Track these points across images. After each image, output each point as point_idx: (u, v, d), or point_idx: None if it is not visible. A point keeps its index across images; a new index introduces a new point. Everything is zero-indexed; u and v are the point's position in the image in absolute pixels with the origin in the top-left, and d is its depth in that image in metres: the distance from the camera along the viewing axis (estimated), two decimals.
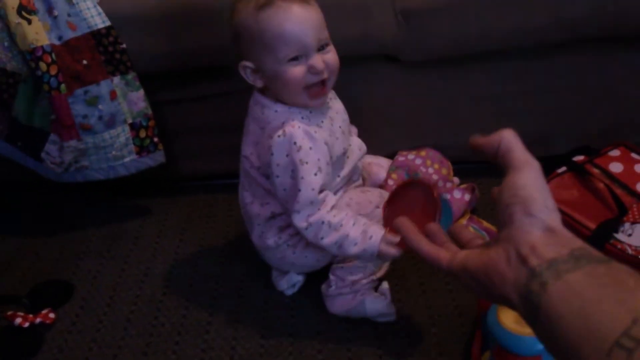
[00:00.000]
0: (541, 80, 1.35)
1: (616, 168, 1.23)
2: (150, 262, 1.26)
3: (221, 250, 1.28)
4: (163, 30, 1.24)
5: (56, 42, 1.18)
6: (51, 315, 1.13)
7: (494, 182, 0.47)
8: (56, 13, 1.17)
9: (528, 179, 0.44)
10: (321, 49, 0.95)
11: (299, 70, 0.94)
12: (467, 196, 1.27)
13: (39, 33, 1.16)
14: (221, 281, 1.20)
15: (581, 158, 1.27)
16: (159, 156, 1.32)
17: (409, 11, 1.23)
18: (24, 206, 1.48)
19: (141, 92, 1.25)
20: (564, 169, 1.25)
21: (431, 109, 1.39)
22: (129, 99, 1.25)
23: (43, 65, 1.16)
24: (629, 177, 1.21)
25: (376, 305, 1.07)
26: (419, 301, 1.12)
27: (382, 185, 1.24)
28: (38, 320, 1.11)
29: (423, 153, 1.33)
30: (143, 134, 1.28)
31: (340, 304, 1.08)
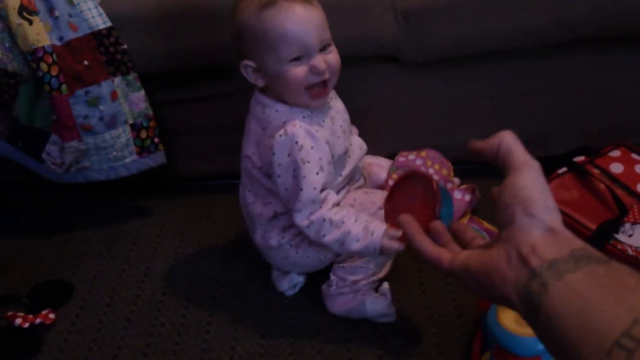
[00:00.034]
0: (541, 81, 1.35)
1: (617, 168, 1.23)
2: (150, 263, 1.26)
3: (221, 250, 1.28)
4: (163, 31, 1.24)
5: (57, 43, 1.18)
6: (51, 316, 1.13)
7: (494, 182, 0.47)
8: (57, 14, 1.17)
9: (528, 179, 0.45)
10: (323, 49, 0.95)
11: (301, 70, 0.94)
12: (468, 197, 1.27)
13: (40, 34, 1.16)
14: (221, 281, 1.20)
15: (581, 158, 1.27)
16: (159, 157, 1.32)
17: (409, 11, 1.23)
18: (24, 206, 1.48)
19: (142, 92, 1.25)
20: (564, 169, 1.25)
21: (431, 109, 1.39)
22: (130, 100, 1.25)
23: (44, 66, 1.16)
24: (629, 178, 1.21)
25: (376, 306, 1.07)
26: (419, 301, 1.12)
27: (382, 185, 1.23)
28: (38, 320, 1.11)
29: (423, 153, 1.33)
30: (144, 134, 1.28)
31: (340, 304, 1.08)
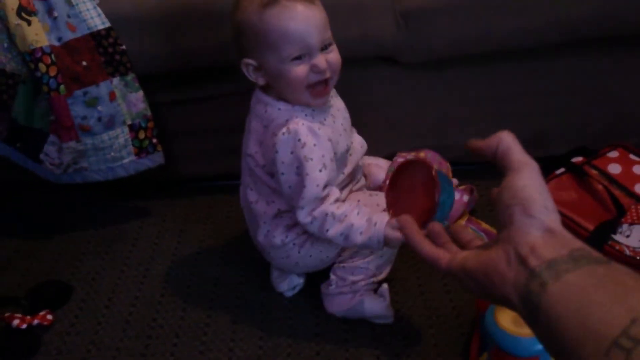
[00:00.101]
0: (540, 81, 1.35)
1: (614, 169, 1.23)
2: (149, 264, 1.26)
3: (220, 251, 1.28)
4: (163, 31, 1.24)
5: (56, 43, 1.18)
6: (49, 317, 1.13)
7: (492, 183, 0.47)
8: (56, 14, 1.17)
9: (527, 179, 0.45)
10: (324, 48, 0.96)
11: (302, 69, 0.95)
12: (466, 197, 1.27)
13: (38, 34, 1.16)
14: (220, 282, 1.20)
15: (579, 159, 1.27)
16: (158, 157, 1.32)
17: (409, 12, 1.23)
18: (23, 206, 1.48)
19: (140, 93, 1.25)
20: (562, 170, 1.25)
21: (431, 109, 1.39)
22: (128, 100, 1.25)
23: (42, 67, 1.16)
24: (627, 179, 1.21)
25: (375, 307, 1.07)
26: (417, 302, 1.12)
27: (381, 186, 1.24)
28: (36, 321, 1.11)
29: (422, 154, 1.33)
30: (142, 135, 1.28)
31: (338, 304, 1.08)
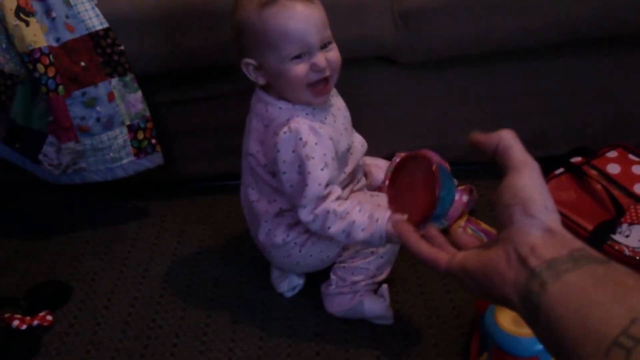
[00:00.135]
0: (540, 81, 1.35)
1: (614, 169, 1.23)
2: (148, 264, 1.26)
3: (220, 251, 1.28)
4: (163, 31, 1.24)
5: (54, 44, 1.18)
6: (49, 318, 1.12)
7: (492, 183, 0.47)
8: (54, 15, 1.17)
9: (528, 179, 0.45)
10: (324, 47, 0.96)
11: (302, 68, 0.95)
12: (465, 197, 1.27)
13: (36, 35, 1.16)
14: (219, 283, 1.20)
15: (579, 159, 1.27)
16: (157, 158, 1.32)
17: (408, 12, 1.23)
18: (22, 207, 1.47)
19: (139, 93, 1.25)
20: (561, 170, 1.25)
21: (431, 109, 1.39)
22: (127, 101, 1.25)
23: (41, 67, 1.16)
24: (626, 179, 1.21)
25: (374, 307, 1.07)
26: (417, 302, 1.12)
27: (380, 187, 1.23)
28: (35, 322, 1.11)
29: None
30: (141, 135, 1.28)
31: (338, 303, 1.08)
